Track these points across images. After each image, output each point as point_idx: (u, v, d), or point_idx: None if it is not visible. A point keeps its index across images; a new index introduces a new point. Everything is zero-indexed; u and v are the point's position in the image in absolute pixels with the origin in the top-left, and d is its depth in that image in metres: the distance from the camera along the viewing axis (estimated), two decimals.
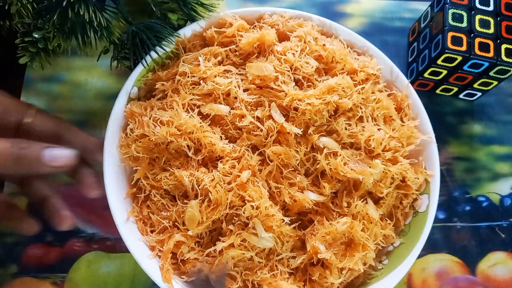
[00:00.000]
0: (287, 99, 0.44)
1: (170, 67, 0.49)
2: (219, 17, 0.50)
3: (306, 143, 0.45)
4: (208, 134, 0.44)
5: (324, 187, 0.44)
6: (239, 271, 0.43)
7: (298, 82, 0.47)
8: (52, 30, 0.44)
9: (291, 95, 0.44)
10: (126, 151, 0.46)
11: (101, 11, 0.45)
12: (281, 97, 0.44)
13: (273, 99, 0.45)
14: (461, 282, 0.52)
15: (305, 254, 0.43)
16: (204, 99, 0.46)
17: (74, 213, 0.44)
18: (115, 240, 0.50)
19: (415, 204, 0.48)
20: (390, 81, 0.52)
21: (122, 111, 0.47)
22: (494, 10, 0.53)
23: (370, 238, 0.44)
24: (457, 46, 0.51)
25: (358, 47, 0.52)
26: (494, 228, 0.55)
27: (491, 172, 0.57)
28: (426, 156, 0.48)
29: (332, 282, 0.43)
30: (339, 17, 0.63)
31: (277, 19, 0.51)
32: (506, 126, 0.60)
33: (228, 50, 0.48)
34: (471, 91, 0.58)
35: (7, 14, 0.47)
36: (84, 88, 0.56)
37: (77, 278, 0.49)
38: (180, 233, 0.43)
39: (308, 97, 0.44)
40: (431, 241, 0.53)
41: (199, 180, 0.42)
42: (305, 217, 0.45)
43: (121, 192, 0.45)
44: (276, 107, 0.45)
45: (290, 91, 0.44)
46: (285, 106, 0.45)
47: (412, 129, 0.49)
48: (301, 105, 0.44)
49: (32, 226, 0.43)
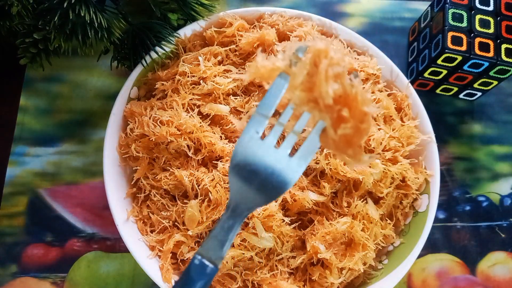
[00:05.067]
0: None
1: (170, 67, 0.49)
2: (219, 17, 0.50)
3: None
4: (208, 134, 0.44)
5: (324, 187, 0.44)
6: (239, 271, 0.43)
7: None
8: (53, 31, 0.44)
9: None
10: (126, 151, 0.46)
11: (101, 12, 0.45)
12: None
13: None
14: (461, 282, 0.52)
15: (305, 254, 0.43)
16: (204, 99, 0.46)
17: (74, 213, 0.44)
18: (115, 240, 0.50)
19: (415, 204, 0.48)
20: (390, 81, 0.52)
21: (122, 111, 0.47)
22: (494, 10, 0.53)
23: (370, 238, 0.44)
24: (457, 46, 0.51)
25: (358, 47, 0.52)
26: (494, 228, 0.55)
27: (491, 172, 0.57)
28: (426, 156, 0.48)
29: (332, 282, 0.43)
30: (339, 17, 0.63)
31: (277, 19, 0.51)
32: (506, 126, 0.59)
33: (228, 50, 0.48)
34: (471, 91, 0.58)
35: (8, 15, 0.47)
36: (84, 88, 0.56)
37: (77, 278, 0.49)
38: (180, 233, 0.43)
39: None
40: (431, 241, 0.53)
41: (199, 180, 0.42)
42: (305, 217, 0.45)
43: (121, 192, 0.45)
44: None
45: None
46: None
47: (412, 129, 0.49)
48: None
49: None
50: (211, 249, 0.31)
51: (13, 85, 0.56)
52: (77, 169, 0.53)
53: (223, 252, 0.31)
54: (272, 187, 0.31)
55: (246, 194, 0.31)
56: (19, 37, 0.47)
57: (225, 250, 0.31)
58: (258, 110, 0.31)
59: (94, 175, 0.53)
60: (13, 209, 0.51)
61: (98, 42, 0.46)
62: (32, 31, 0.46)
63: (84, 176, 0.52)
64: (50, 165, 0.53)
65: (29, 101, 0.55)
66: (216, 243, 0.31)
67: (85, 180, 0.52)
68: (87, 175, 0.53)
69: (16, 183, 0.52)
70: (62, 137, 0.54)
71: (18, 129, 0.54)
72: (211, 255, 0.30)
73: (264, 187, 0.31)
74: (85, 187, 0.52)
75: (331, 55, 0.29)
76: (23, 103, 0.55)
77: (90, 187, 0.52)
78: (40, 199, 0.51)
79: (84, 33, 0.44)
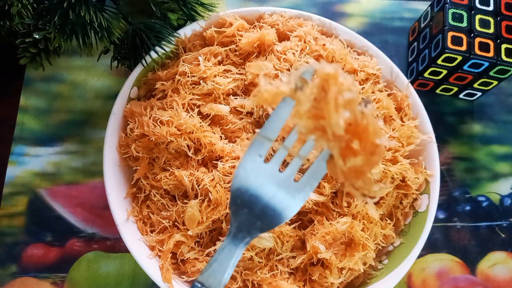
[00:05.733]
0: None
1: (170, 67, 0.49)
2: (219, 17, 0.50)
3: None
4: (208, 134, 0.44)
5: (324, 187, 0.44)
6: (239, 271, 0.43)
7: None
8: (53, 31, 0.44)
9: None
10: (126, 151, 0.46)
11: (101, 12, 0.45)
12: None
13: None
14: (461, 282, 0.52)
15: (305, 254, 0.43)
16: (204, 99, 0.46)
17: (74, 213, 0.44)
18: (115, 240, 0.50)
19: (415, 204, 0.48)
20: (390, 81, 0.52)
21: (122, 111, 0.47)
22: (494, 10, 0.53)
23: (370, 238, 0.44)
24: (457, 46, 0.51)
25: (358, 47, 0.52)
26: (494, 228, 0.55)
27: (491, 172, 0.57)
28: (426, 156, 0.48)
29: (332, 282, 0.43)
30: (339, 17, 0.63)
31: (277, 19, 0.51)
32: (506, 126, 0.59)
33: (228, 50, 0.48)
34: (471, 91, 0.58)
35: (8, 14, 0.47)
36: (84, 88, 0.56)
37: (77, 278, 0.49)
38: (180, 233, 0.43)
39: None
40: (431, 241, 0.53)
41: (199, 180, 0.42)
42: (305, 217, 0.45)
43: (121, 192, 0.45)
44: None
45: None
46: None
47: (412, 129, 0.49)
48: None
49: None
50: (211, 276, 0.29)
51: (13, 85, 0.56)
52: (77, 169, 0.53)
53: (224, 279, 0.29)
54: (274, 213, 0.30)
55: (248, 219, 0.30)
56: (19, 37, 0.47)
57: (226, 277, 0.29)
58: (261, 133, 0.30)
59: (94, 175, 0.53)
60: (13, 209, 0.51)
61: (98, 42, 0.46)
62: (32, 31, 0.46)
63: (84, 176, 0.52)
64: (50, 165, 0.53)
65: (29, 101, 0.55)
66: (217, 270, 0.29)
67: (85, 180, 0.52)
68: (87, 175, 0.53)
69: (16, 183, 0.52)
70: (62, 137, 0.54)
71: (18, 129, 0.54)
72: (211, 282, 0.29)
73: (266, 213, 0.30)
74: (85, 187, 0.52)
75: (341, 80, 0.27)
76: (23, 103, 0.55)
77: (90, 187, 0.52)
78: (40, 199, 0.51)
79: (84, 33, 0.44)
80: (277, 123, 0.30)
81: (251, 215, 0.30)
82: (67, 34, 0.44)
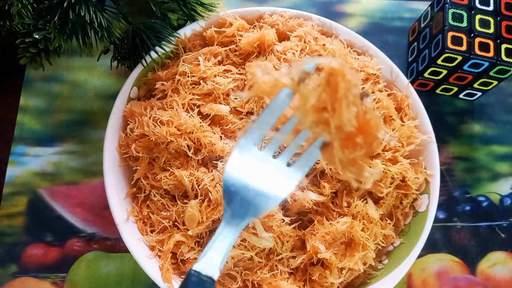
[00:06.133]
0: None
1: (170, 67, 0.49)
2: (219, 17, 0.50)
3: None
4: (208, 134, 0.44)
5: (324, 187, 0.44)
6: (239, 271, 0.43)
7: None
8: (53, 31, 0.44)
9: None
10: (126, 151, 0.46)
11: (101, 11, 0.45)
12: None
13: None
14: (461, 282, 0.52)
15: (305, 254, 0.43)
16: (204, 99, 0.46)
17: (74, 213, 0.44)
18: (115, 240, 0.50)
19: (415, 204, 0.48)
20: (390, 81, 0.52)
21: (122, 111, 0.47)
22: (494, 10, 0.53)
23: (370, 238, 0.44)
24: (457, 46, 0.51)
25: (358, 47, 0.52)
26: (494, 228, 0.55)
27: (491, 172, 0.57)
28: (426, 156, 0.48)
29: (332, 282, 0.43)
30: (339, 17, 0.63)
31: (277, 19, 0.51)
32: (506, 126, 0.60)
33: (228, 50, 0.48)
34: (471, 91, 0.58)
35: (8, 14, 0.47)
36: (84, 88, 0.56)
37: (77, 278, 0.49)
38: (180, 233, 0.43)
39: None
40: (431, 241, 0.53)
41: (199, 180, 0.42)
42: (305, 217, 0.45)
43: (121, 192, 0.45)
44: None
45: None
46: None
47: (412, 129, 0.49)
48: None
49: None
50: (208, 262, 0.30)
51: (13, 85, 0.56)
52: (77, 169, 0.53)
53: (221, 264, 0.30)
54: (267, 196, 0.30)
55: (241, 206, 0.31)
56: (19, 37, 0.47)
57: (222, 262, 0.30)
58: (257, 122, 0.31)
59: (94, 175, 0.53)
60: (13, 209, 0.51)
61: (98, 42, 0.46)
62: (32, 31, 0.46)
63: (84, 176, 0.52)
64: (50, 165, 0.53)
65: (29, 101, 0.55)
66: (213, 256, 0.30)
67: (85, 180, 0.52)
68: (87, 175, 0.53)
69: (16, 183, 0.52)
70: (62, 137, 0.54)
71: (18, 129, 0.54)
72: (208, 269, 0.30)
73: (258, 198, 0.30)
74: (85, 187, 0.52)
75: (349, 77, 0.27)
76: (23, 103, 0.55)
77: (90, 187, 0.52)
78: (40, 199, 0.51)
79: (84, 33, 0.44)
80: (273, 113, 0.30)
81: (244, 201, 0.31)
82: (67, 34, 0.44)
